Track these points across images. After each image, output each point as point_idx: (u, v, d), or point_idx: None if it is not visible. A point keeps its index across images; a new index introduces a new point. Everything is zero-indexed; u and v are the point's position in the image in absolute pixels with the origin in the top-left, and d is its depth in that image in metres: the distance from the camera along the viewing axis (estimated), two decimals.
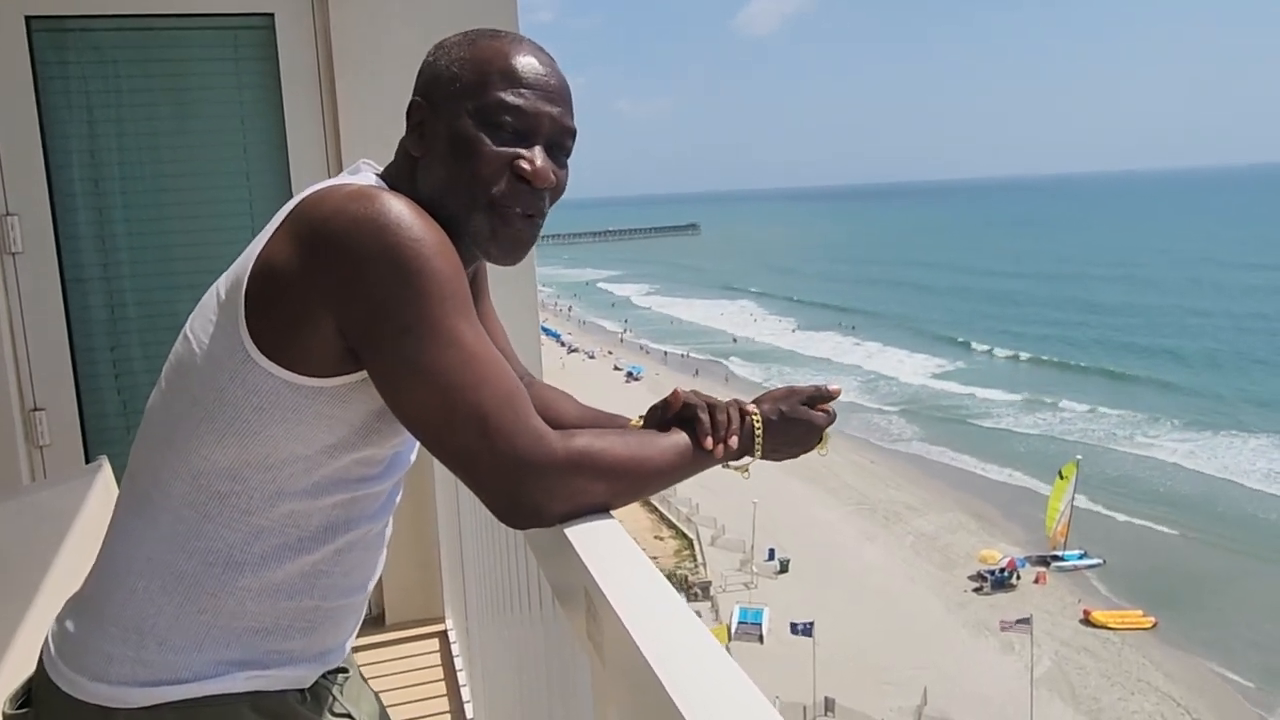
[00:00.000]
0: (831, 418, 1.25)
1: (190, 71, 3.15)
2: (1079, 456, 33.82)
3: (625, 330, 71.85)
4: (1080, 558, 30.52)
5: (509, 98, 1.10)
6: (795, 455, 1.24)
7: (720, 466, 1.18)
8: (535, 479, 1.00)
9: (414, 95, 1.17)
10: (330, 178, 3.25)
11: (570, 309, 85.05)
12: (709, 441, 1.13)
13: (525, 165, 1.10)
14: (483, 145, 1.10)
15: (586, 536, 0.99)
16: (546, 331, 67.67)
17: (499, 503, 1.02)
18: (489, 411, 0.99)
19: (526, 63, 1.12)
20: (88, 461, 3.07)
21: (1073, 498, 31.45)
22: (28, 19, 2.93)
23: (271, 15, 3.09)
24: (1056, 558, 30.63)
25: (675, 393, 1.16)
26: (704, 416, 1.14)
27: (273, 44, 3.10)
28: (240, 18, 3.11)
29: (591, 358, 61.39)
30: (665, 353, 62.41)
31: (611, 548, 0.95)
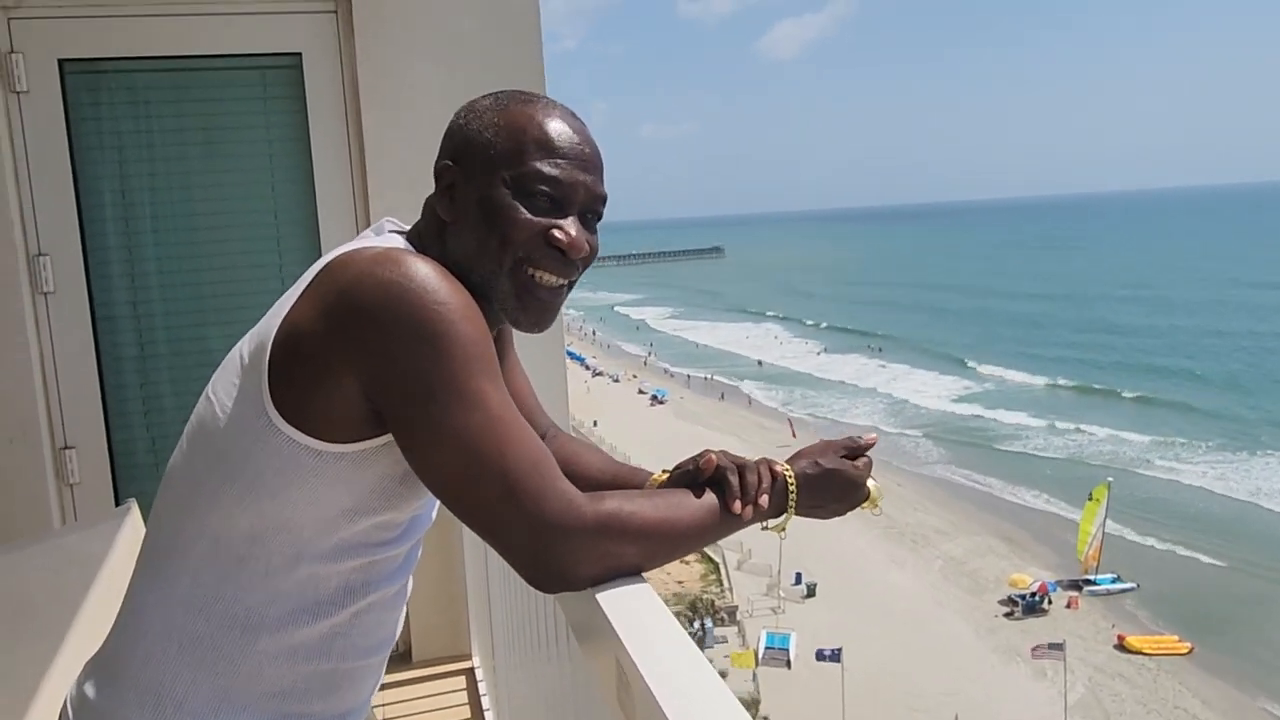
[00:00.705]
0: (866, 468, 1.22)
1: (219, 111, 3.18)
2: (1110, 479, 33.37)
3: (649, 354, 71.83)
4: (1113, 582, 30.03)
5: (545, 168, 1.10)
6: (841, 512, 1.21)
7: (759, 528, 1.16)
8: (563, 543, 0.99)
9: (443, 157, 1.16)
10: (356, 214, 3.27)
11: (594, 333, 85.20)
12: (737, 505, 1.10)
13: (561, 236, 1.10)
14: (518, 214, 1.10)
15: (618, 603, 0.97)
16: (571, 355, 67.81)
17: (527, 568, 1.01)
18: (515, 476, 0.98)
19: (561, 131, 1.12)
20: (117, 500, 3.09)
21: (1104, 521, 30.99)
22: (60, 62, 2.98)
23: (299, 55, 3.12)
24: (1089, 582, 30.13)
25: (708, 457, 1.14)
26: (733, 478, 1.12)
27: (300, 83, 3.13)
28: (269, 58, 3.15)
29: (616, 381, 61.39)
30: (689, 376, 62.33)
31: (643, 617, 0.93)
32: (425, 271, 1.00)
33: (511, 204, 1.10)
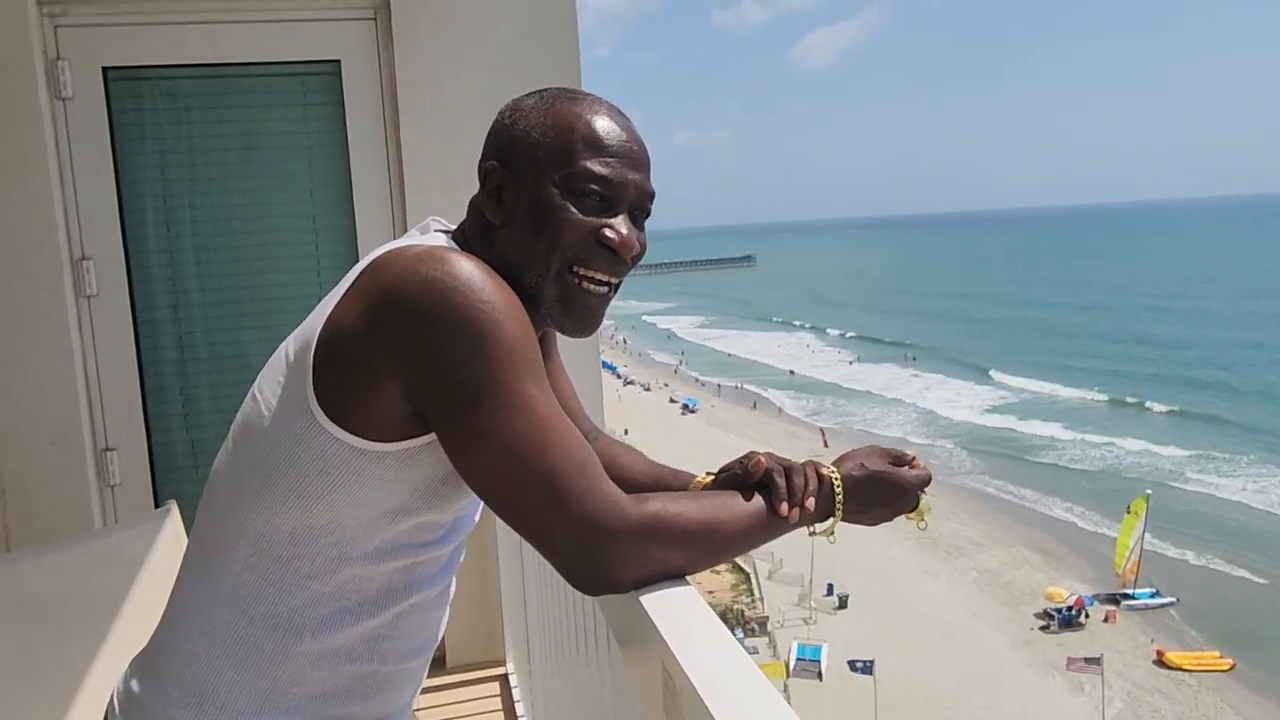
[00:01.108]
0: (922, 477, 1.18)
1: (260, 118, 3.21)
2: (1148, 491, 32.82)
3: (681, 362, 71.75)
4: (1152, 596, 29.52)
5: (595, 167, 1.08)
6: (886, 519, 1.18)
7: (807, 532, 1.13)
8: (608, 545, 0.97)
9: (488, 158, 1.15)
10: (394, 220, 3.28)
11: (626, 341, 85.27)
12: (784, 507, 1.08)
13: (612, 235, 1.09)
14: (568, 214, 1.08)
15: (663, 606, 0.95)
16: (603, 364, 67.83)
17: (571, 570, 0.99)
18: (560, 477, 0.97)
19: (609, 128, 1.10)
20: (156, 501, 3.12)
21: (1143, 534, 30.48)
22: (105, 69, 3.02)
23: (338, 62, 3.14)
24: (1127, 596, 29.63)
25: (756, 459, 1.12)
26: (780, 480, 1.09)
27: (339, 90, 3.15)
28: (308, 64, 3.17)
29: (647, 390, 61.37)
30: (719, 385, 62.17)
31: (690, 620, 0.91)
32: (470, 270, 0.98)
33: (561, 204, 1.08)
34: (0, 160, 2.89)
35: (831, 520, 1.15)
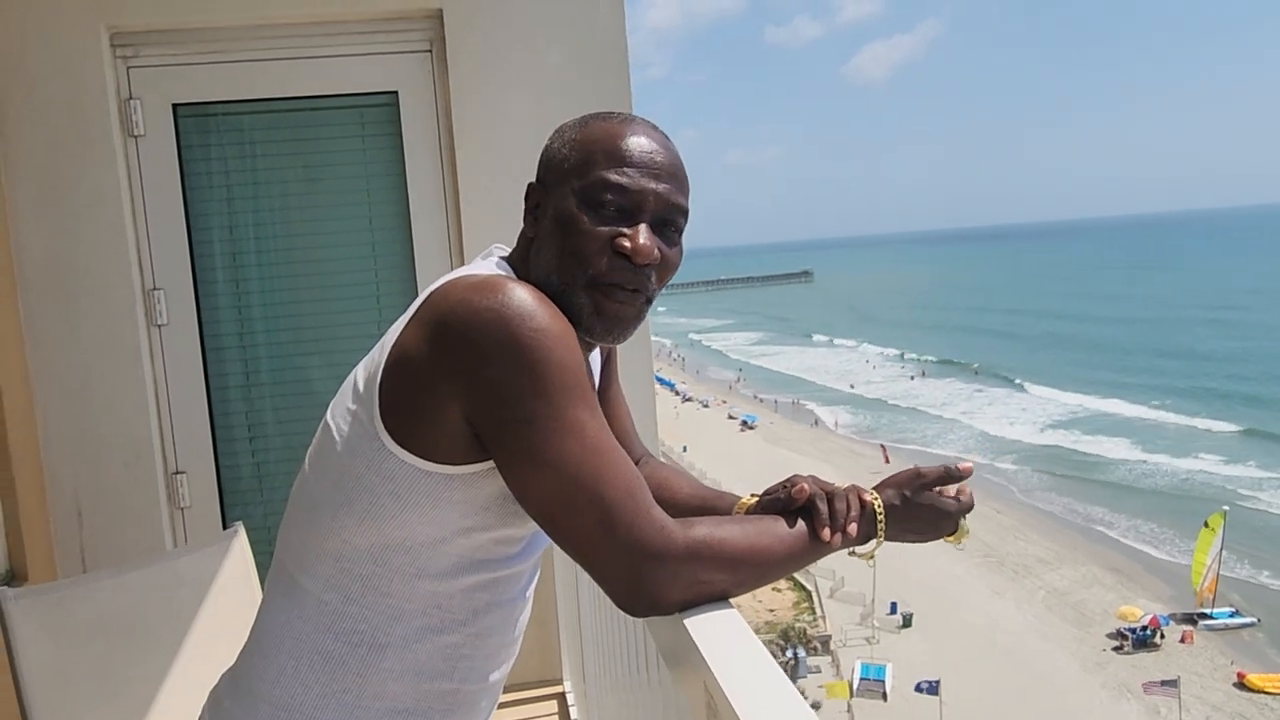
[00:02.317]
0: (964, 506, 1.19)
1: (321, 149, 3.31)
2: (1226, 507, 31.75)
3: (739, 379, 71.50)
4: (1232, 615, 28.51)
5: (611, 176, 1.11)
6: (926, 540, 1.20)
7: (846, 554, 1.15)
8: (655, 568, 1.00)
9: (535, 179, 1.21)
10: (450, 246, 3.35)
11: (684, 359, 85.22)
12: (826, 532, 1.10)
13: (625, 242, 1.10)
14: (583, 223, 1.11)
15: (705, 628, 0.97)
16: (661, 381, 67.88)
17: (619, 592, 1.02)
18: (610, 502, 1.00)
19: (633, 141, 1.13)
20: (224, 522, 3.21)
21: (1220, 551, 29.46)
22: (174, 106, 3.14)
23: (395, 93, 3.23)
24: (1204, 615, 28.65)
25: (800, 486, 1.14)
26: (822, 506, 1.12)
27: (396, 120, 3.23)
28: (367, 96, 3.26)
29: (706, 406, 61.24)
30: (778, 401, 61.79)
31: (731, 643, 0.93)
32: (522, 297, 1.02)
33: (577, 214, 1.11)
34: (76, 196, 3.03)
35: (873, 543, 1.16)
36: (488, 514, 1.10)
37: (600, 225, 1.11)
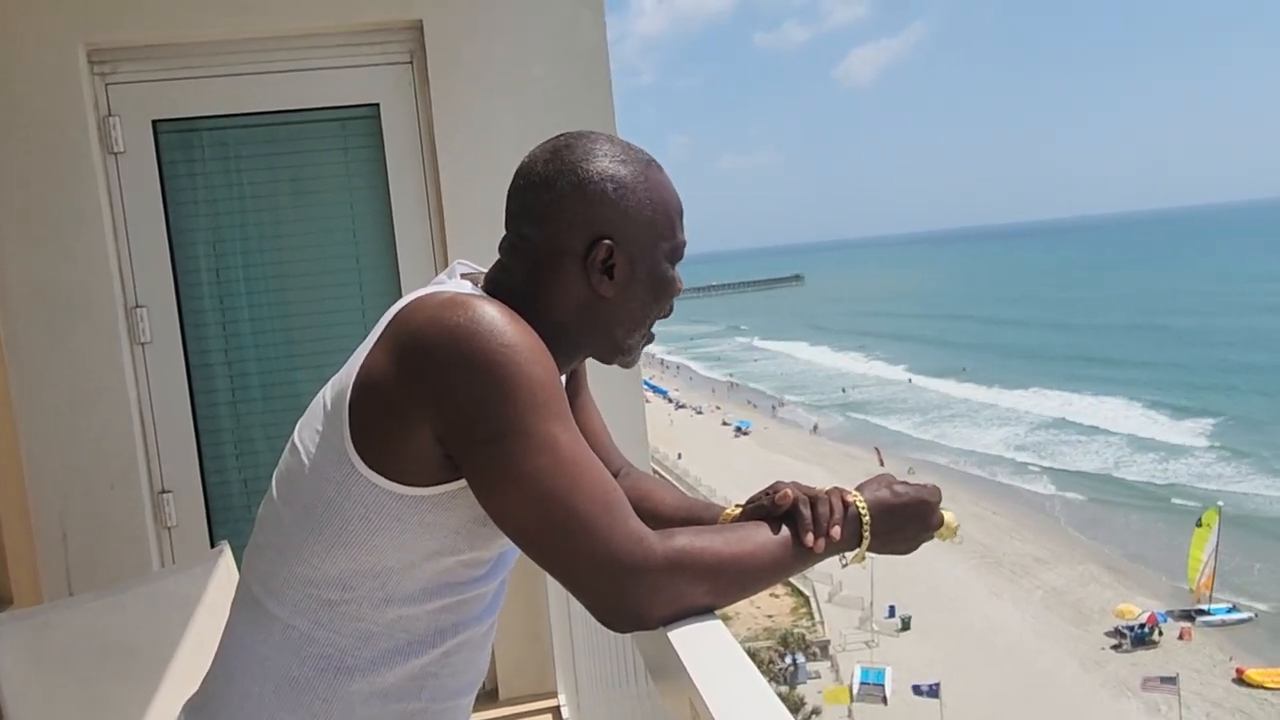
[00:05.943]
0: (936, 489, 1.18)
1: (303, 162, 3.29)
2: (1220, 503, 31.84)
3: (732, 385, 71.53)
4: (1229, 611, 28.56)
5: (683, 235, 1.19)
6: (916, 542, 1.18)
7: (839, 563, 1.13)
8: (635, 582, 0.98)
9: (586, 228, 1.11)
10: (435, 257, 3.33)
11: (676, 365, 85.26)
12: (809, 538, 1.08)
13: (680, 288, 1.21)
14: (678, 284, 1.20)
15: (689, 641, 0.95)
16: (654, 388, 67.95)
17: (600, 607, 1.00)
18: (585, 516, 0.98)
19: (678, 197, 1.20)
20: (212, 541, 3.18)
21: (1216, 547, 29.52)
22: (154, 123, 3.12)
23: (377, 105, 3.21)
24: (1202, 611, 28.72)
25: (783, 491, 1.12)
26: (805, 511, 1.10)
27: (378, 132, 3.22)
28: (348, 109, 3.25)
29: (699, 413, 61.25)
30: (772, 406, 61.83)
31: (715, 656, 0.91)
32: (492, 314, 1.00)
33: (674, 277, 1.19)
34: (56, 214, 3.00)
35: (861, 547, 1.14)
36: (457, 537, 1.09)
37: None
